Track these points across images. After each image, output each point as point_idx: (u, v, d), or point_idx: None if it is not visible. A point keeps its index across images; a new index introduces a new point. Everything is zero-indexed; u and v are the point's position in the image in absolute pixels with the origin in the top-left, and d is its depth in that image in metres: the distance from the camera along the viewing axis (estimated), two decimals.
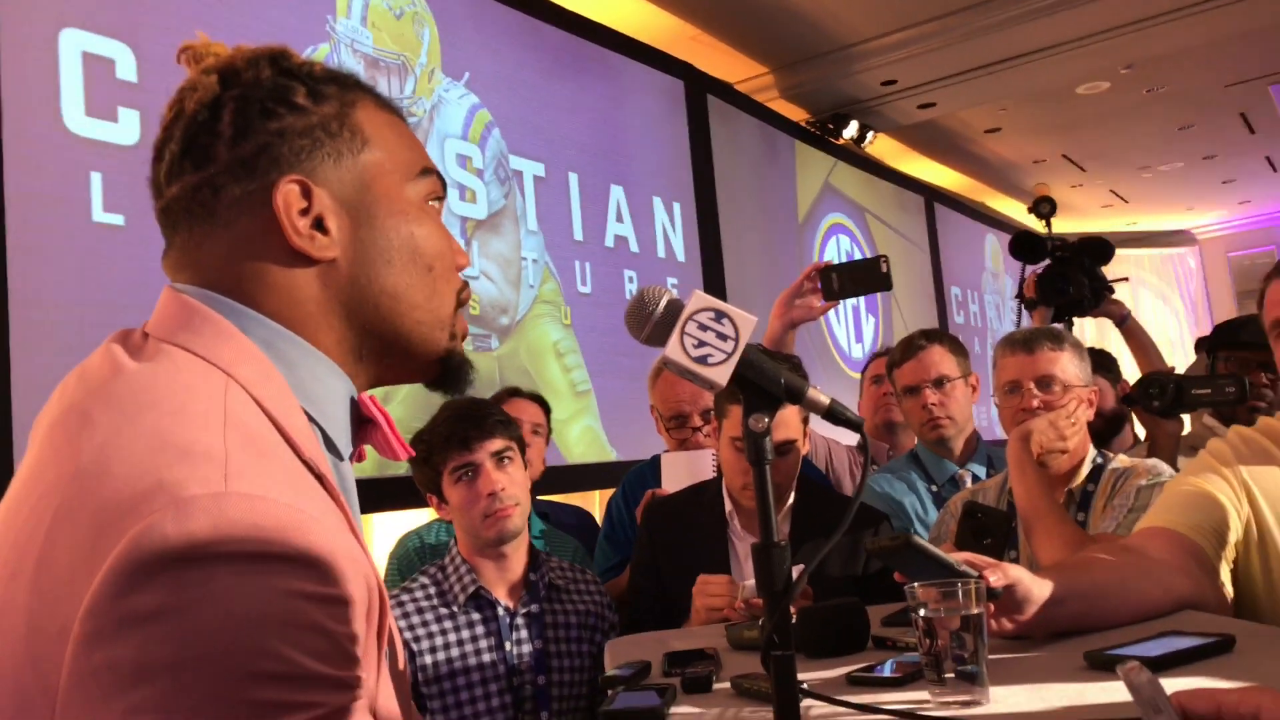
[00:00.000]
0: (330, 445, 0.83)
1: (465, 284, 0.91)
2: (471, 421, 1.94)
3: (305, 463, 0.75)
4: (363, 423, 0.87)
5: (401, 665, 0.94)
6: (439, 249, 0.88)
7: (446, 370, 0.90)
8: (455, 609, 1.93)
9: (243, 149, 0.81)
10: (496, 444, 1.94)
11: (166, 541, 0.63)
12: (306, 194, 0.82)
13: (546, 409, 3.04)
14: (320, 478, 0.75)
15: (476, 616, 1.94)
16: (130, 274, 3.05)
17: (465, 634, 1.92)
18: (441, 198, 0.91)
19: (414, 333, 0.87)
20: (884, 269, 2.27)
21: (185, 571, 0.63)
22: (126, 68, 3.15)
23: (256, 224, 0.81)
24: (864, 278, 2.33)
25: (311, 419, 0.81)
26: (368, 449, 0.91)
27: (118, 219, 3.06)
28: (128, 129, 3.12)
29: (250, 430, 0.73)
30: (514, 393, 2.99)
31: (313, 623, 0.65)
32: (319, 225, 0.82)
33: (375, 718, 0.73)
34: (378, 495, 3.69)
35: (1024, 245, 3.01)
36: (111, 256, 3.02)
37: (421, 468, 1.99)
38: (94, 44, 3.08)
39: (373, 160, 0.85)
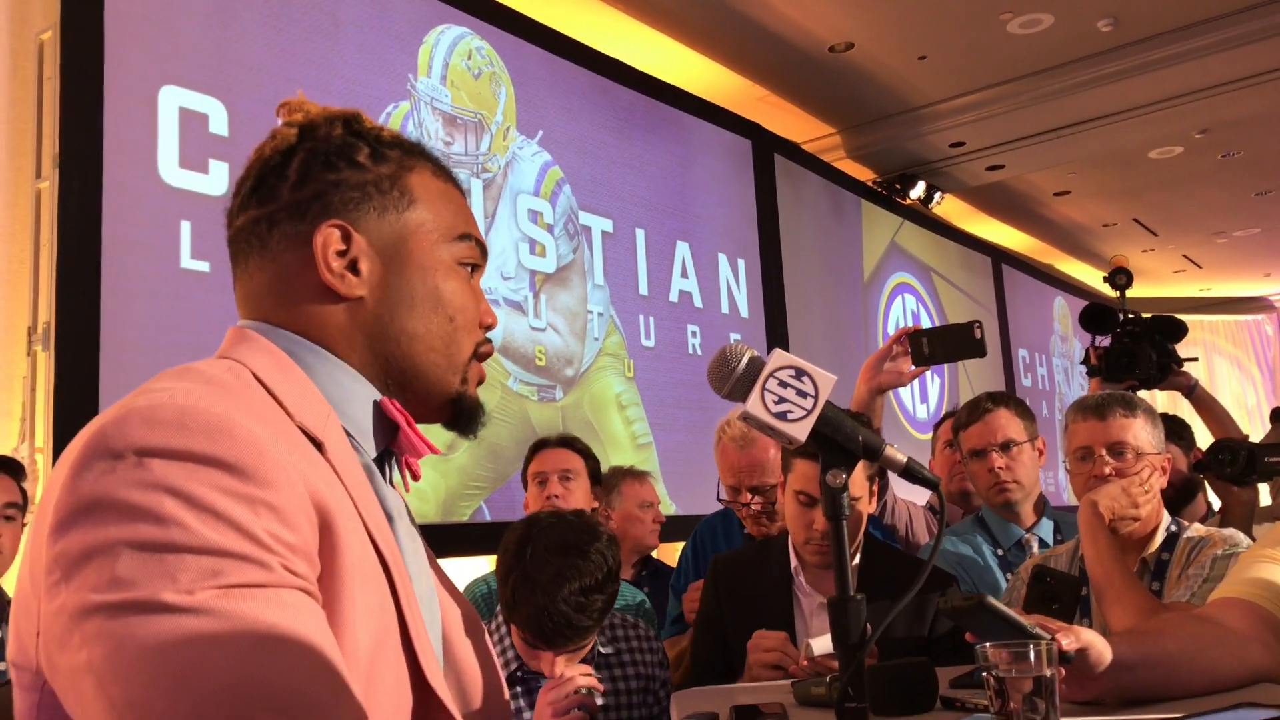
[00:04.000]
0: (356, 447, 0.91)
1: (488, 341, 1.00)
2: (562, 633, 1.78)
3: (297, 425, 0.83)
4: (392, 430, 0.94)
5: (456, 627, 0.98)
6: (461, 303, 0.96)
7: (458, 412, 0.98)
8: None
9: (301, 193, 0.92)
10: (569, 651, 1.83)
11: (105, 440, 0.72)
12: (346, 238, 0.91)
13: (583, 452, 2.91)
14: (316, 441, 0.83)
15: (520, 689, 1.89)
16: (214, 319, 3.17)
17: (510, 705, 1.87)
18: (478, 265, 0.99)
19: (430, 372, 0.94)
20: (978, 335, 2.19)
21: (119, 463, 0.71)
22: (219, 122, 3.31)
23: (299, 258, 0.91)
24: (956, 343, 2.26)
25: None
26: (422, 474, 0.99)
27: (204, 265, 3.18)
28: (217, 180, 3.26)
29: (231, 387, 0.81)
30: (541, 445, 2.91)
31: (222, 509, 0.71)
32: (353, 267, 0.91)
33: (345, 634, 0.77)
34: (441, 540, 3.75)
35: (1095, 317, 2.96)
36: (197, 301, 3.15)
37: (513, 616, 1.85)
38: (190, 100, 3.23)
39: (415, 219, 0.94)
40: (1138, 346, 2.83)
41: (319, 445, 0.83)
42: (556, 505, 2.63)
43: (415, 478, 0.97)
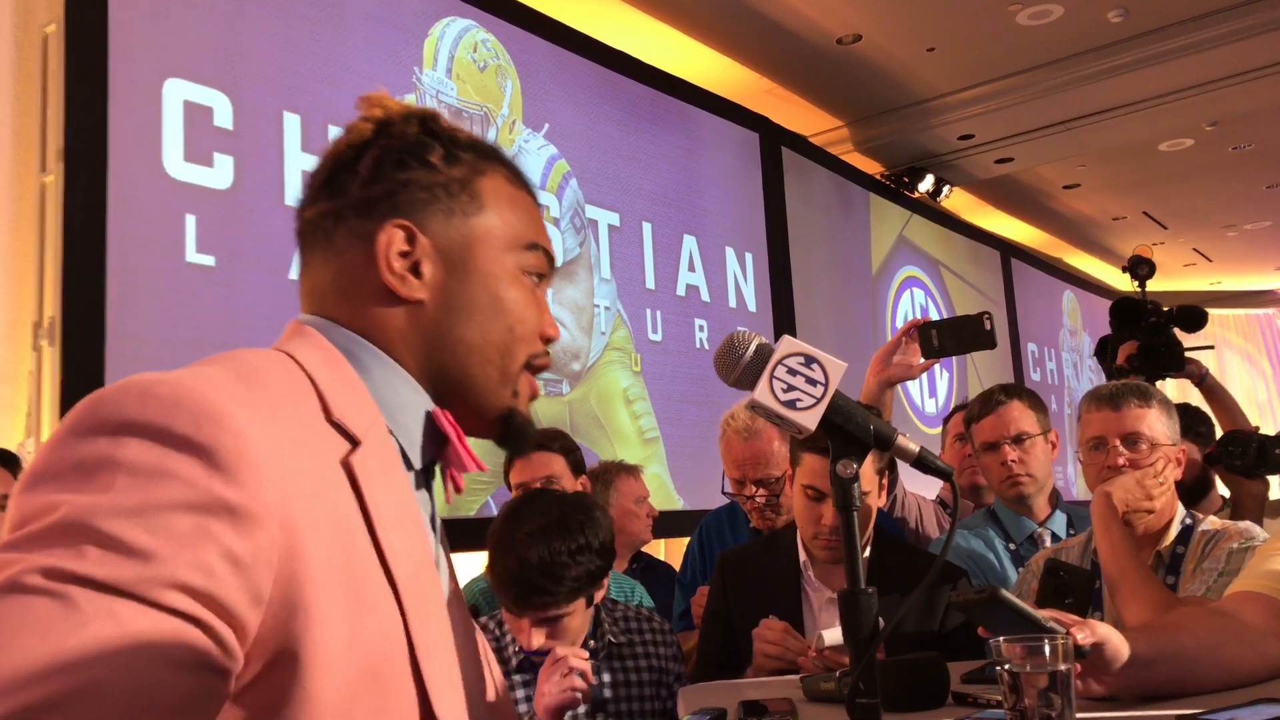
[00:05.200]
0: (402, 453, 0.88)
1: (545, 354, 0.97)
2: (514, 598, 1.80)
3: (333, 423, 0.79)
4: (441, 442, 0.91)
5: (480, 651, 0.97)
6: (522, 314, 0.93)
7: (509, 428, 0.95)
8: (508, 669, 1.86)
9: (371, 190, 0.90)
10: (560, 610, 1.81)
11: (97, 409, 0.70)
12: (411, 239, 0.89)
13: (562, 449, 2.80)
14: (354, 440, 0.80)
15: (531, 677, 1.86)
16: (219, 313, 3.16)
17: (520, 693, 1.85)
18: (544, 274, 0.97)
19: (483, 385, 0.92)
20: (988, 326, 2.16)
21: (98, 437, 0.69)
22: (224, 115, 3.29)
23: (362, 256, 0.89)
24: (966, 335, 2.22)
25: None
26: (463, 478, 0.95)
27: (209, 260, 3.17)
28: (222, 174, 3.25)
29: (263, 378, 0.77)
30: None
31: (170, 503, 0.67)
32: (415, 269, 0.89)
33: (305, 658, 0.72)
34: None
35: (1126, 312, 2.91)
36: (202, 295, 3.14)
37: (491, 577, 1.87)
38: (195, 93, 3.22)
39: (482, 224, 0.92)
40: (1159, 339, 2.81)
41: (355, 444, 0.80)
42: None
43: (458, 490, 0.95)
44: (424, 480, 0.92)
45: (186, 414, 0.70)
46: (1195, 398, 3.20)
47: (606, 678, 1.91)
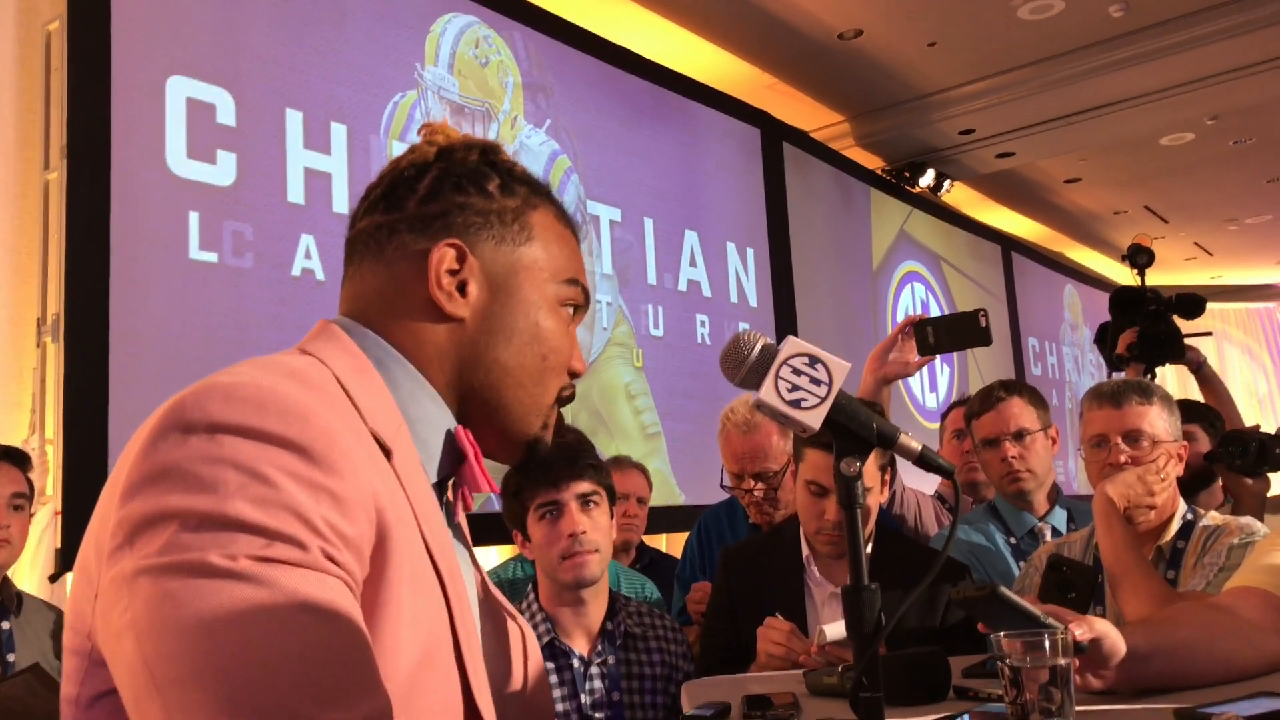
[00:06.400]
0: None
1: (572, 386, 1.01)
2: (564, 461, 1.89)
3: (369, 430, 0.83)
4: (459, 460, 0.94)
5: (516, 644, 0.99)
6: (557, 345, 0.97)
7: (531, 455, 0.99)
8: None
9: (428, 208, 0.93)
10: (584, 486, 1.89)
11: (183, 412, 0.73)
12: (461, 259, 0.92)
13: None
14: (386, 449, 0.83)
15: (550, 665, 1.89)
16: (222, 310, 3.17)
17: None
18: (580, 307, 1.01)
19: (513, 409, 0.95)
20: (983, 323, 2.18)
21: (192, 436, 0.72)
22: (226, 112, 3.30)
23: (410, 270, 0.92)
24: (962, 332, 2.24)
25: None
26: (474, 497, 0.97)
27: (212, 256, 3.18)
28: (225, 170, 3.25)
29: (311, 381, 0.80)
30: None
31: (283, 491, 0.71)
32: (462, 288, 0.92)
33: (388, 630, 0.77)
34: None
35: (1126, 301, 2.93)
36: (205, 292, 3.14)
37: (510, 502, 1.96)
38: (198, 90, 3.22)
39: (529, 254, 0.96)
40: (1158, 327, 2.82)
41: (388, 453, 0.83)
42: None
43: (468, 509, 0.98)
44: (439, 496, 0.93)
45: (273, 413, 0.73)
46: (1193, 386, 3.21)
47: (621, 667, 1.94)
